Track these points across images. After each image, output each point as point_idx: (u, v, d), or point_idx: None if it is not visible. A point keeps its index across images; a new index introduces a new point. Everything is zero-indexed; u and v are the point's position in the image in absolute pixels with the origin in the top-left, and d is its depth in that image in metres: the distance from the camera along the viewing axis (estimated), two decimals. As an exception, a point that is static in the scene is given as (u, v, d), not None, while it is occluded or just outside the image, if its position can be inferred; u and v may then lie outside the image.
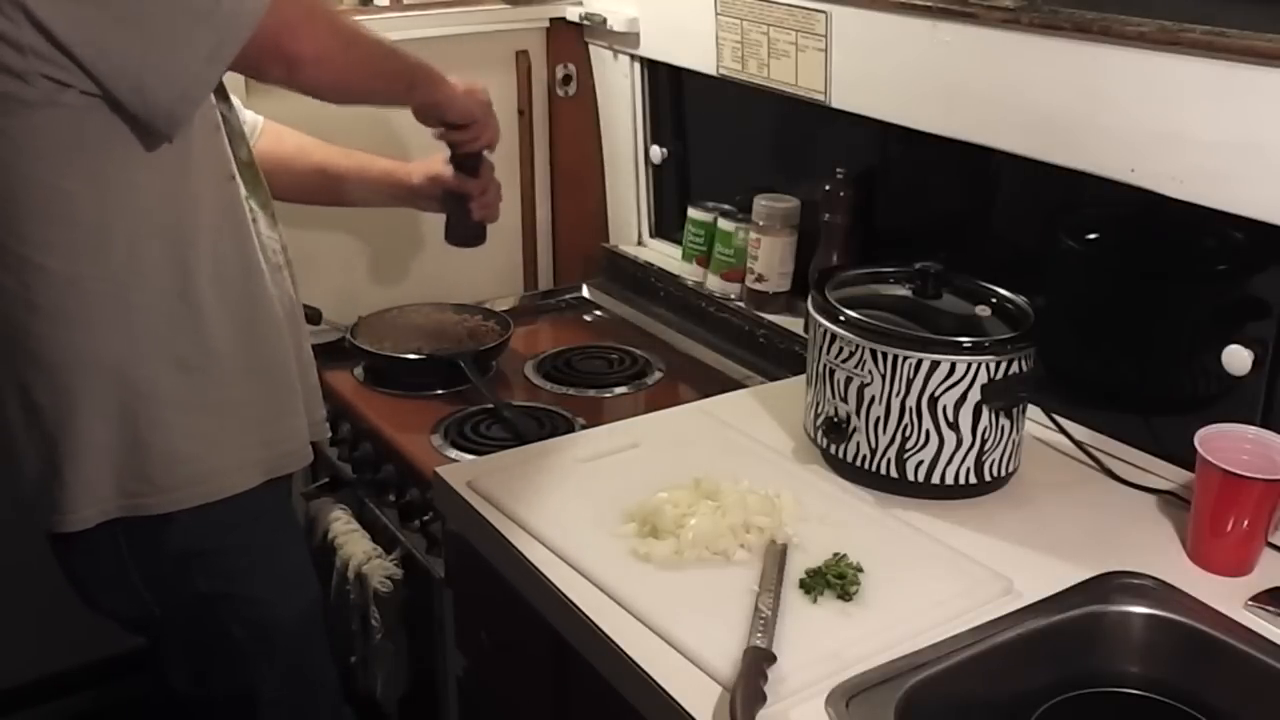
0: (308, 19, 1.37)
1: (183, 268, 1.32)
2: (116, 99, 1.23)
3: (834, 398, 1.44)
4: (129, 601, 1.41)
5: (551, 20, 2.26)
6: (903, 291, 1.51)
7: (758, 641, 1.14)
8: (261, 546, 1.45)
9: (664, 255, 2.28)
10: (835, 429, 1.45)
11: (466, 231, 1.81)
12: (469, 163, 1.74)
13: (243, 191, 1.40)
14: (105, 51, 1.21)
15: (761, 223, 1.97)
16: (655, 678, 1.13)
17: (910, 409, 1.39)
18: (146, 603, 1.40)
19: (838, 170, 1.84)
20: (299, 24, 1.34)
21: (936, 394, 1.38)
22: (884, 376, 1.39)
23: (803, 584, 1.24)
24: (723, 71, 1.92)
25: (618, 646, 1.18)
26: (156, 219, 1.30)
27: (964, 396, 1.38)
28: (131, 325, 1.30)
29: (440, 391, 1.92)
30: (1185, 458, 1.35)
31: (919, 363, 1.37)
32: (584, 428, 1.76)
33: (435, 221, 1.86)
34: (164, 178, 1.29)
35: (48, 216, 1.26)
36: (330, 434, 1.61)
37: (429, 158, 1.80)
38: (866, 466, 1.44)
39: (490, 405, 1.85)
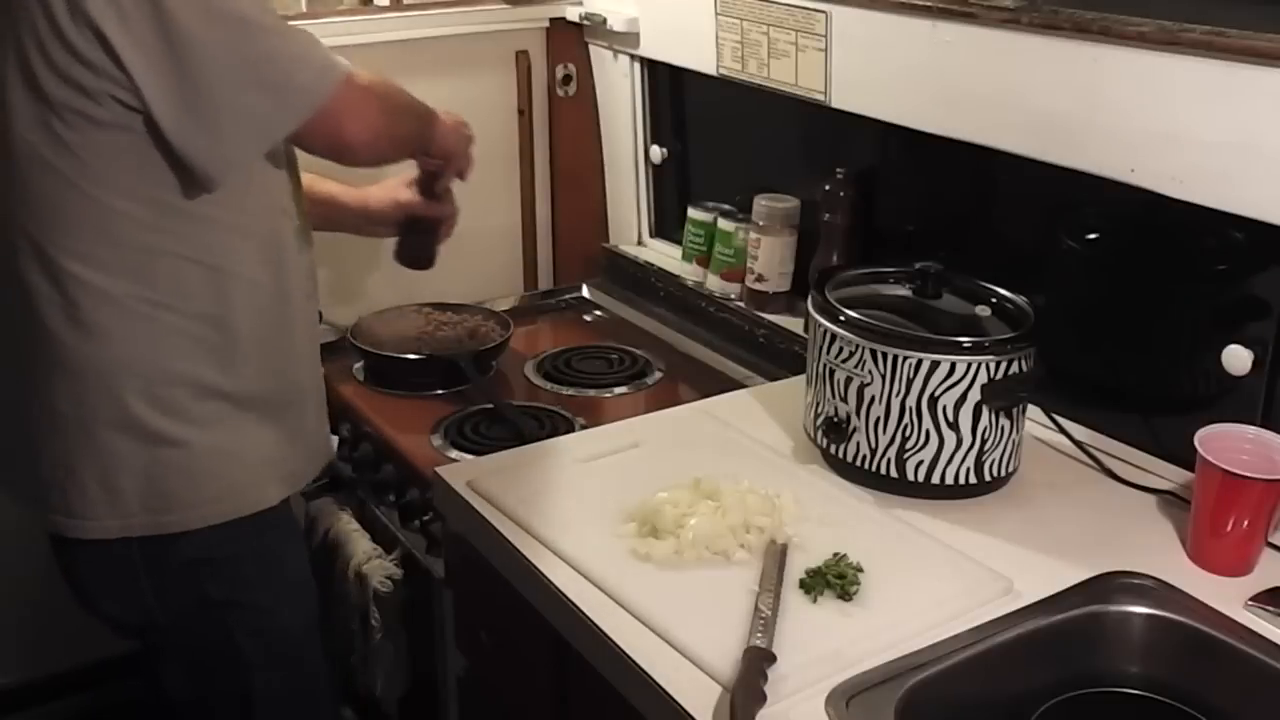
0: (364, 103, 1.39)
1: (221, 295, 1.33)
2: (166, 140, 1.24)
3: (834, 398, 1.44)
4: (133, 608, 1.40)
5: (551, 20, 2.26)
6: (903, 291, 1.51)
7: (758, 641, 1.13)
8: (270, 556, 1.45)
9: (664, 255, 2.28)
10: (835, 429, 1.45)
11: (421, 253, 1.82)
12: (436, 188, 1.75)
13: (294, 223, 1.41)
14: (168, 100, 1.23)
15: (761, 223, 1.97)
16: (655, 678, 1.13)
17: (910, 409, 1.39)
18: (151, 610, 1.40)
19: (837, 170, 1.84)
20: (357, 110, 1.37)
21: (936, 394, 1.38)
22: (884, 376, 1.39)
23: (803, 584, 1.24)
24: (723, 71, 1.92)
25: (618, 646, 1.18)
26: (204, 246, 1.31)
27: (964, 396, 1.38)
28: (163, 346, 1.31)
29: (440, 391, 1.92)
30: (1185, 458, 1.35)
31: (919, 363, 1.37)
32: (584, 428, 1.76)
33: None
34: (218, 208, 1.30)
35: (97, 232, 1.27)
36: (334, 451, 1.61)
37: (384, 181, 1.80)
38: (866, 466, 1.44)
39: (490, 405, 1.85)
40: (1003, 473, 1.44)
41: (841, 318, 1.43)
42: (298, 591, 1.50)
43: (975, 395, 1.38)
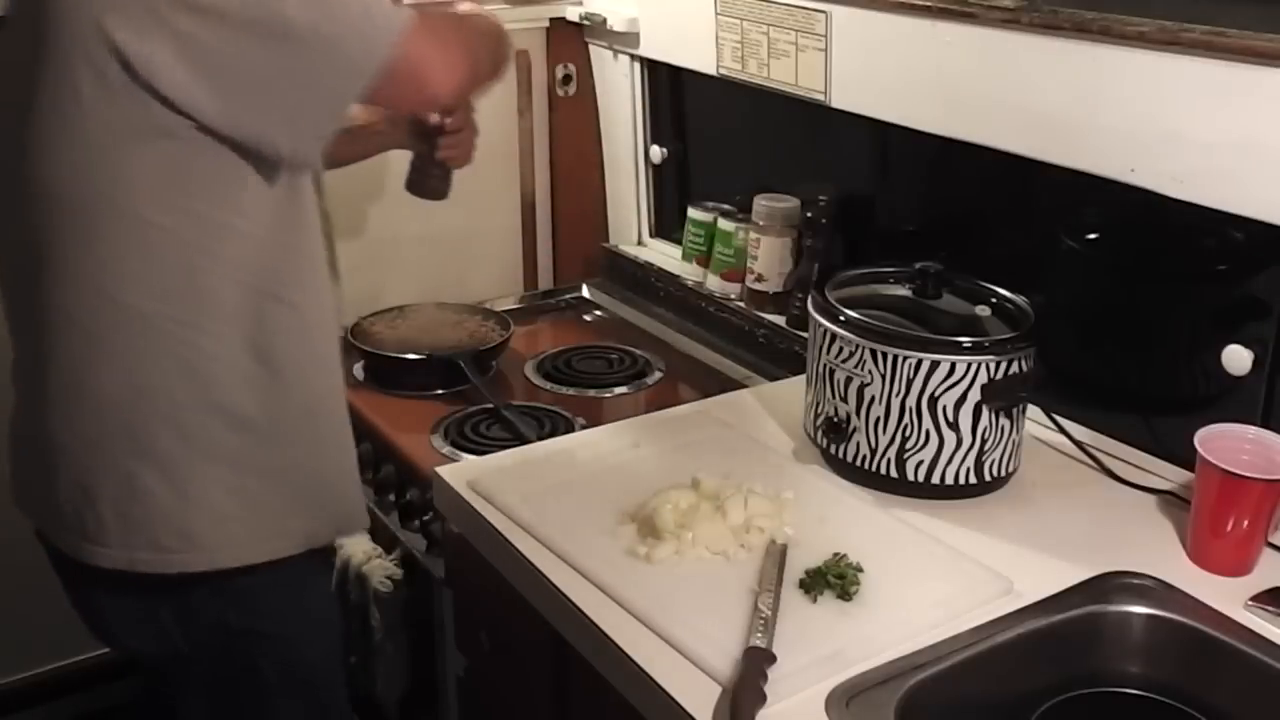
0: (442, 52, 1.29)
1: (260, 321, 1.28)
2: (244, 147, 1.21)
3: (834, 398, 1.44)
4: (156, 640, 1.36)
5: (551, 20, 2.26)
6: (903, 291, 1.51)
7: (758, 641, 1.14)
8: (292, 590, 1.40)
9: (664, 255, 2.28)
10: (835, 429, 1.45)
11: (427, 178, 1.68)
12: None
13: (325, 252, 1.37)
14: (231, 117, 1.19)
15: (761, 223, 1.97)
16: (655, 678, 1.13)
17: (910, 409, 1.39)
18: (174, 641, 1.36)
19: (820, 197, 1.86)
20: (433, 61, 1.27)
21: (936, 394, 1.38)
22: (884, 376, 1.39)
23: (803, 584, 1.24)
24: (723, 71, 1.92)
25: (617, 646, 1.18)
26: (244, 267, 1.26)
27: (964, 396, 1.38)
28: (197, 373, 1.26)
29: (440, 391, 1.92)
30: (1185, 458, 1.35)
31: (919, 363, 1.37)
32: (584, 428, 1.76)
33: (436, 222, 1.85)
34: (260, 225, 1.26)
35: (135, 250, 1.22)
36: (366, 518, 1.51)
37: None
38: (866, 466, 1.44)
39: (490, 405, 1.85)
40: (1003, 473, 1.44)
41: (841, 318, 1.43)
42: (320, 626, 1.46)
43: (975, 395, 1.38)
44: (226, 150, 1.22)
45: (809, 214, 1.90)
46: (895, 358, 1.38)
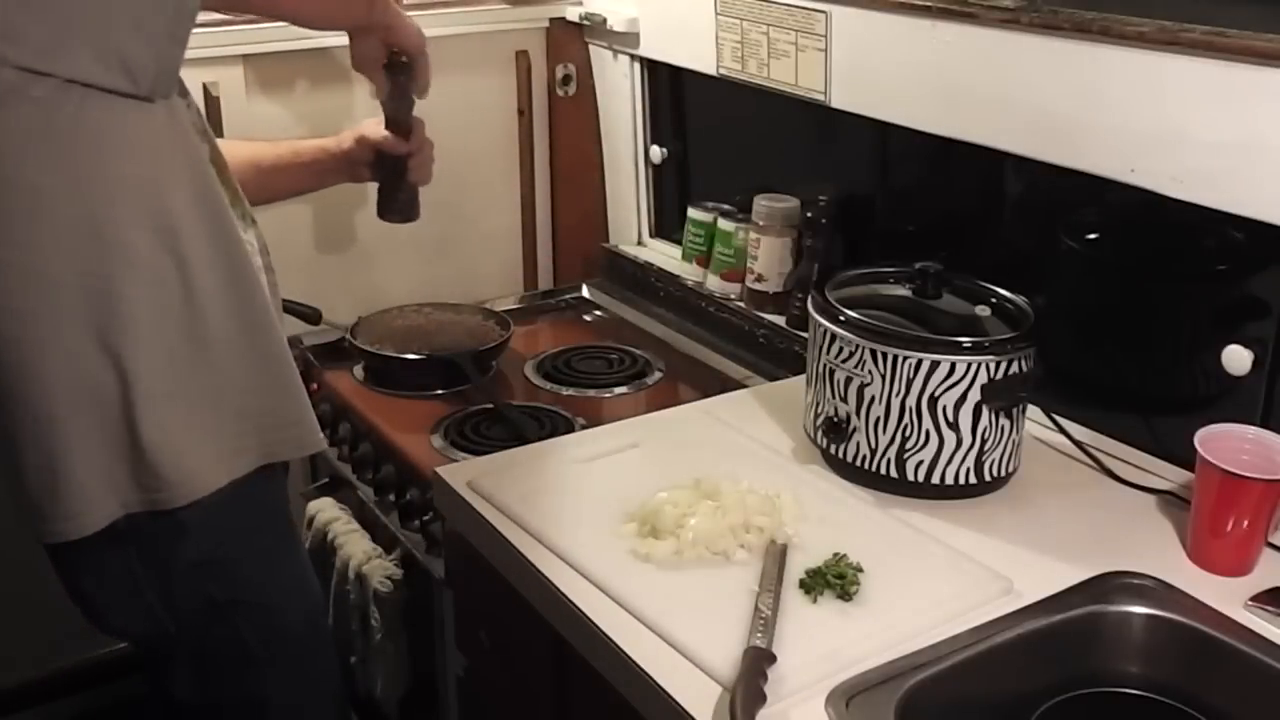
0: None
1: (173, 255, 1.27)
2: (100, 87, 1.20)
3: (834, 398, 1.44)
4: (143, 619, 1.37)
5: (551, 20, 2.26)
6: (903, 291, 1.51)
7: (758, 641, 1.14)
8: (269, 555, 1.42)
9: (664, 255, 2.28)
10: (835, 429, 1.45)
11: (400, 201, 1.77)
12: (402, 121, 1.72)
13: (228, 189, 1.36)
14: (67, 58, 1.18)
15: (761, 223, 1.97)
16: (655, 678, 1.13)
17: (910, 409, 1.39)
18: (160, 619, 1.37)
19: (820, 197, 1.86)
20: None
21: (936, 394, 1.38)
22: (884, 376, 1.39)
23: (803, 584, 1.24)
24: (723, 71, 1.92)
25: (618, 646, 1.18)
26: (142, 207, 1.25)
27: (964, 396, 1.38)
28: (126, 321, 1.26)
29: (440, 391, 1.92)
30: (1185, 458, 1.35)
31: (919, 363, 1.37)
32: (584, 428, 1.76)
33: (435, 223, 1.85)
34: (141, 164, 1.25)
35: (29, 217, 1.22)
36: (322, 436, 1.51)
37: (359, 124, 1.80)
38: (866, 466, 1.44)
39: (490, 405, 1.85)
40: (1003, 473, 1.44)
41: (841, 318, 1.43)
42: (297, 588, 1.47)
43: (975, 395, 1.38)
44: (88, 103, 1.20)
45: (809, 214, 1.90)
46: (895, 358, 1.38)
